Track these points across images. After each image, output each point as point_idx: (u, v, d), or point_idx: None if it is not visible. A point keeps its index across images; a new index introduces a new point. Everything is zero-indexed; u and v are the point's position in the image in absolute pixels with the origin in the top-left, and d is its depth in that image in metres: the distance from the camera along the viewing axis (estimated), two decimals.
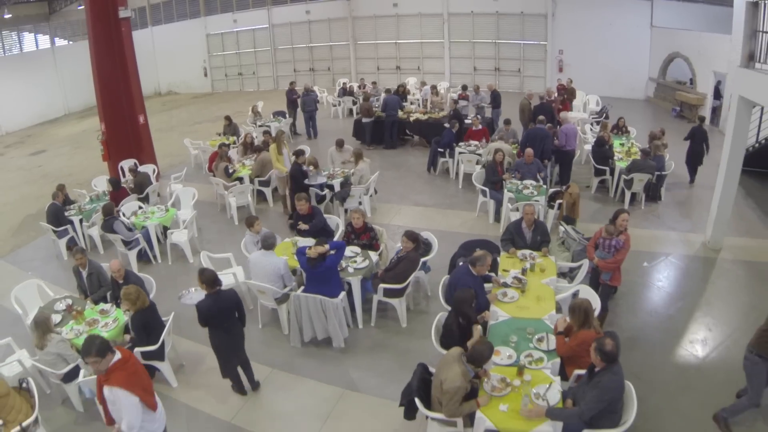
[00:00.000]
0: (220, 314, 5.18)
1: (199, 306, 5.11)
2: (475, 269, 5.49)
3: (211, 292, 5.12)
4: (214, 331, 5.26)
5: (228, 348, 5.36)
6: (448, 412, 4.24)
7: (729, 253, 8.31)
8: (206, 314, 5.12)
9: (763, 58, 7.26)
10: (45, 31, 23.79)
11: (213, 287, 5.11)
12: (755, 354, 4.76)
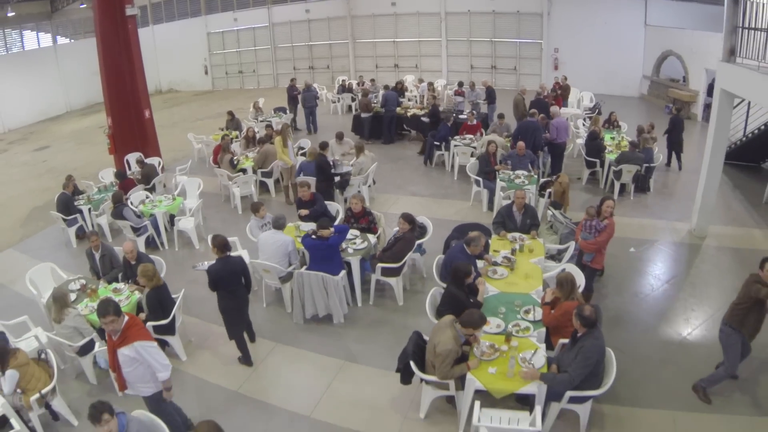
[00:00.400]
0: (229, 278, 5.66)
1: (210, 269, 5.61)
2: (469, 249, 5.88)
3: (221, 257, 5.61)
4: (222, 294, 5.74)
5: (234, 310, 5.83)
6: (441, 374, 4.64)
7: (714, 240, 8.72)
8: (216, 277, 5.61)
9: (743, 53, 7.67)
10: (47, 30, 24.12)
11: (223, 252, 5.62)
12: (729, 326, 5.16)
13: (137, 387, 4.71)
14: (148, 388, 4.68)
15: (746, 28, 7.58)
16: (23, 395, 5.21)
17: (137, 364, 4.53)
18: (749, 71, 7.23)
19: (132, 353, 4.46)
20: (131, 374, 4.58)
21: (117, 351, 4.50)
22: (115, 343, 4.50)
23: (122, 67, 11.65)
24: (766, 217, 9.54)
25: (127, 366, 4.54)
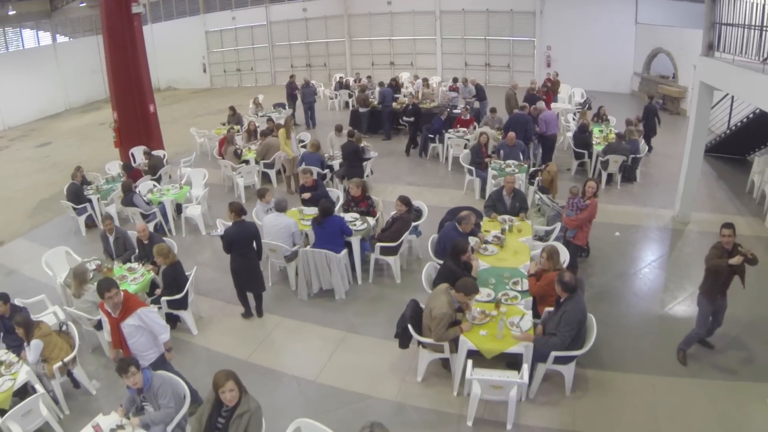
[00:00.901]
0: (242, 241, 6.35)
1: (227, 232, 6.31)
2: (461, 227, 6.37)
3: (237, 221, 6.26)
4: (234, 257, 6.45)
5: (244, 271, 6.52)
6: (437, 336, 5.11)
7: (696, 225, 9.24)
8: (231, 239, 6.30)
9: (721, 48, 8.19)
10: (46, 28, 24.39)
11: (239, 216, 6.32)
12: (700, 293, 5.72)
13: (142, 356, 5.00)
14: (152, 354, 5.06)
15: (724, 24, 8.11)
16: (46, 364, 5.64)
17: (141, 332, 4.93)
18: (726, 64, 7.75)
19: (136, 321, 4.87)
20: (136, 344, 4.95)
21: (121, 325, 4.88)
22: (117, 318, 4.87)
23: (128, 63, 12.09)
24: (749, 205, 10.04)
25: (132, 337, 4.92)
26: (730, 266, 5.41)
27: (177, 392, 4.75)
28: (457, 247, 5.77)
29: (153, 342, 5.05)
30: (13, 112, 22.23)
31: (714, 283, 5.60)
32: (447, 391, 5.53)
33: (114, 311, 4.89)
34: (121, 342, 4.94)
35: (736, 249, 5.47)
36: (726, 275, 5.53)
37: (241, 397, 4.15)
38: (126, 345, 4.93)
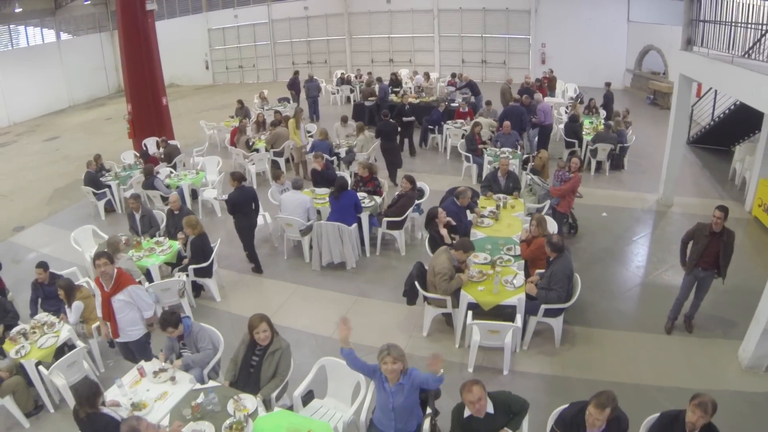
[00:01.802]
0: (244, 202, 7.54)
1: (230, 196, 7.56)
2: (459, 201, 7.16)
3: (238, 186, 7.51)
4: (238, 217, 7.61)
5: (247, 229, 7.70)
6: (442, 290, 5.88)
7: (679, 208, 10.05)
8: (235, 202, 7.48)
9: (698, 43, 8.99)
10: (50, 26, 24.98)
11: (240, 182, 7.55)
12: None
13: (127, 332, 5.46)
14: (137, 332, 5.50)
15: (701, 21, 8.92)
16: (85, 324, 6.36)
17: (129, 308, 5.34)
18: (702, 58, 8.54)
19: (126, 297, 5.29)
20: (123, 320, 5.37)
21: (112, 299, 5.27)
22: (109, 292, 5.26)
23: (142, 58, 12.83)
24: (731, 191, 10.85)
25: (120, 312, 5.33)
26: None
27: (213, 338, 5.50)
28: (429, 214, 6.64)
29: (139, 320, 5.49)
30: (18, 108, 22.75)
31: (693, 251, 6.10)
32: (450, 343, 6.30)
33: (106, 285, 5.28)
34: (110, 315, 5.34)
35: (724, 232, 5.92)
36: (703, 246, 5.98)
37: (272, 337, 4.89)
38: (114, 319, 5.34)
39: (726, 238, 5.94)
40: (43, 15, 24.47)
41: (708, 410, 3.59)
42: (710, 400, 3.61)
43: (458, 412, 4.03)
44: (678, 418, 3.83)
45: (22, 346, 5.86)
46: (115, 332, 5.44)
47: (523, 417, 4.18)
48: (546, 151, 10.06)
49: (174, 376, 5.03)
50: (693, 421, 3.64)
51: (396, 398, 4.14)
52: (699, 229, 6.09)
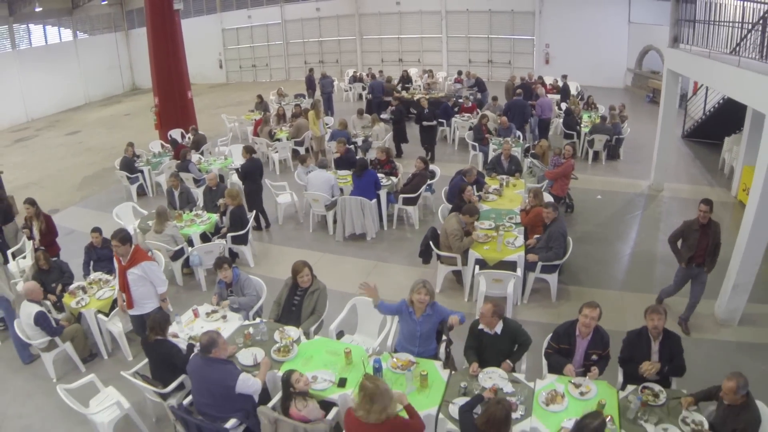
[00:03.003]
0: (255, 170, 9.22)
1: (243, 166, 9.26)
2: (466, 177, 8.32)
3: (249, 158, 9.19)
4: (248, 183, 9.23)
5: (255, 192, 9.26)
6: (455, 248, 7.02)
7: (669, 192, 11.16)
8: (246, 171, 9.19)
9: (684, 40, 10.12)
10: (68, 25, 26.27)
11: (250, 154, 9.25)
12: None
13: (141, 304, 5.98)
14: (150, 305, 6.04)
15: (686, 20, 10.05)
16: None
17: (143, 282, 5.88)
18: (686, 54, 9.69)
19: (139, 271, 5.85)
20: (137, 292, 5.92)
21: (127, 272, 5.83)
22: (125, 266, 5.84)
23: (169, 54, 14.02)
24: (719, 179, 11.94)
25: (134, 285, 5.88)
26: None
27: (257, 287, 6.63)
28: (457, 188, 7.86)
29: (152, 294, 6.06)
30: (37, 105, 24.01)
31: (686, 247, 6.49)
32: (460, 298, 7.42)
33: (123, 259, 5.88)
34: (126, 287, 5.91)
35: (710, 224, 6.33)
36: (693, 239, 6.36)
37: (312, 280, 6.02)
38: (129, 291, 5.90)
39: (714, 229, 6.34)
40: (61, 15, 25.73)
41: (661, 312, 4.70)
42: (659, 305, 4.72)
43: (475, 325, 5.16)
44: (641, 332, 4.93)
45: (81, 299, 6.81)
46: (129, 303, 5.99)
47: (525, 351, 5.21)
48: (546, 141, 11.22)
49: (225, 315, 6.15)
50: (653, 326, 4.74)
51: (423, 326, 5.25)
52: (687, 226, 6.48)
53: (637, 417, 4.34)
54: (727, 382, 4.03)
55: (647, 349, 4.88)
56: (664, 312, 4.74)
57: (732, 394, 4.00)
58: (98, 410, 5.26)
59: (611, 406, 4.45)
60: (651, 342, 4.86)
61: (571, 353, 4.98)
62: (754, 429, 4.09)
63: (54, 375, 6.39)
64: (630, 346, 4.99)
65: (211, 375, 4.68)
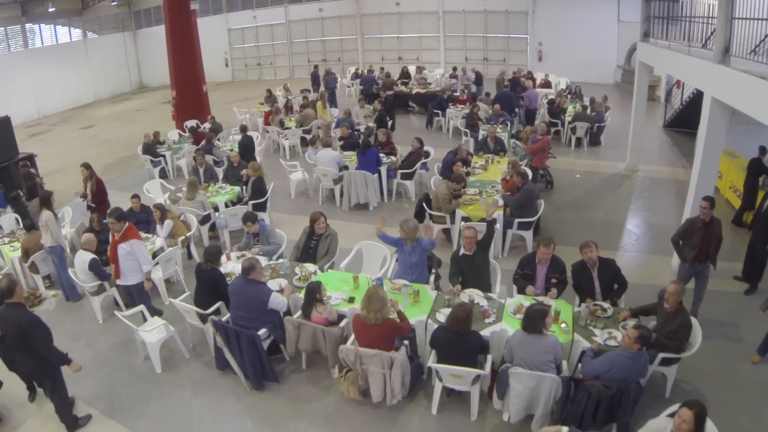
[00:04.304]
0: (250, 145, 11.61)
1: (240, 142, 11.41)
2: (457, 154, 9.83)
3: (244, 135, 10.86)
4: (246, 156, 11.17)
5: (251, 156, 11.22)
6: (444, 209, 8.51)
7: (643, 173, 12.65)
8: (242, 145, 11.33)
9: (654, 35, 11.65)
10: (77, 25, 27.73)
11: (245, 132, 11.15)
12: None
13: (127, 276, 6.82)
14: (135, 278, 6.90)
15: (655, 17, 11.59)
16: (172, 239, 8.89)
17: (130, 258, 6.73)
18: (653, 46, 11.22)
19: (128, 248, 6.71)
20: (124, 265, 6.77)
21: (118, 246, 6.70)
22: (117, 240, 6.74)
23: (185, 50, 15.59)
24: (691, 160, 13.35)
25: (123, 258, 6.73)
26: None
27: (278, 237, 8.09)
28: (447, 161, 9.31)
29: (137, 269, 6.86)
30: (48, 102, 25.36)
31: (686, 245, 6.76)
32: (449, 250, 8.75)
33: (117, 235, 6.78)
34: (115, 259, 6.80)
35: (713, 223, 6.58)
36: (697, 237, 6.60)
37: (326, 227, 7.51)
38: (117, 263, 6.79)
39: (715, 226, 6.60)
40: (71, 15, 27.16)
41: (591, 245, 6.16)
42: (590, 240, 6.18)
43: (456, 254, 6.68)
44: (582, 263, 6.39)
45: None
46: (116, 274, 6.88)
47: (491, 236, 6.85)
48: (531, 127, 12.75)
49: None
50: (588, 258, 6.22)
51: (411, 257, 6.75)
52: (690, 224, 6.74)
53: (586, 323, 5.82)
54: (671, 285, 5.51)
55: (590, 277, 6.36)
56: (595, 245, 6.22)
57: (675, 296, 5.44)
58: (149, 329, 6.72)
59: (566, 316, 5.95)
60: (591, 271, 6.33)
61: (533, 278, 6.46)
62: (685, 329, 5.52)
63: (100, 317, 7.74)
64: (576, 276, 6.47)
65: (250, 292, 6.14)
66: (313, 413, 5.94)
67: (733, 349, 6.57)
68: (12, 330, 5.12)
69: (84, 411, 6.05)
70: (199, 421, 5.96)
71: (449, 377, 5.38)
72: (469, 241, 6.54)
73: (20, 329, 5.09)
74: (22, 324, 5.08)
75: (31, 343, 5.16)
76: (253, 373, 6.11)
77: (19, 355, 5.37)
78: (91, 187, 9.65)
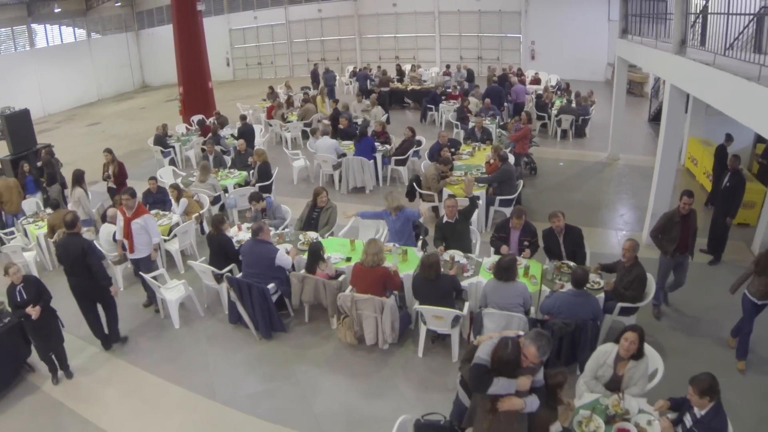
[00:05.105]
0: (249, 132, 12.57)
1: (239, 129, 12.14)
2: (439, 139, 10.91)
3: (243, 122, 11.71)
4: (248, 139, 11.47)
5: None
6: (433, 188, 9.56)
7: (624, 161, 13.70)
8: (242, 131, 11.84)
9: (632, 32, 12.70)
10: (81, 26, 28.72)
11: (244, 120, 11.67)
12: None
13: (140, 249, 7.57)
14: (146, 251, 7.66)
15: (632, 15, 12.66)
16: (186, 216, 9.90)
17: (143, 232, 7.48)
18: (628, 42, 12.29)
19: (141, 222, 7.47)
20: (137, 239, 7.52)
21: (131, 222, 7.41)
22: (130, 217, 7.44)
23: (192, 49, 16.69)
24: None
25: (137, 234, 7.48)
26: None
27: (284, 212, 9.12)
28: (433, 149, 10.39)
29: (148, 243, 7.63)
30: (53, 100, 26.36)
31: (665, 238, 7.08)
32: None
33: (128, 212, 7.48)
34: (129, 235, 7.51)
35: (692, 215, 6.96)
36: (676, 230, 6.94)
37: (328, 200, 8.56)
38: (132, 238, 7.52)
39: (693, 217, 6.97)
40: (75, 15, 28.21)
41: (559, 215, 7.18)
42: (557, 211, 7.20)
43: (440, 222, 7.73)
44: (550, 230, 7.40)
45: None
46: (131, 248, 7.61)
47: (472, 211, 7.87)
48: (516, 118, 13.80)
49: None
50: (555, 225, 7.24)
51: (396, 224, 7.80)
52: (667, 219, 7.06)
53: (553, 277, 6.84)
54: (626, 243, 6.55)
55: (557, 241, 7.38)
56: (562, 214, 7.24)
57: (630, 251, 6.46)
58: (171, 286, 7.76)
59: (536, 271, 6.96)
60: (557, 236, 7.36)
61: (507, 240, 7.50)
62: (641, 280, 6.50)
63: (122, 285, 8.68)
64: (545, 240, 7.49)
65: (259, 251, 7.18)
66: (314, 357, 6.96)
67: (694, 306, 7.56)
68: (75, 252, 6.61)
69: (111, 361, 7.14)
70: (214, 366, 6.96)
71: (432, 319, 6.41)
72: (451, 210, 7.57)
73: (82, 251, 6.58)
74: (84, 247, 6.64)
75: (89, 262, 6.61)
76: (262, 324, 7.14)
77: (80, 278, 6.76)
78: (113, 169, 10.70)
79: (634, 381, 4.96)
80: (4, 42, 24.97)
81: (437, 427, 4.72)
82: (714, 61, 6.84)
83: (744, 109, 5.96)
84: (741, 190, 8.62)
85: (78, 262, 6.63)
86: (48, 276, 9.18)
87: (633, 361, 4.93)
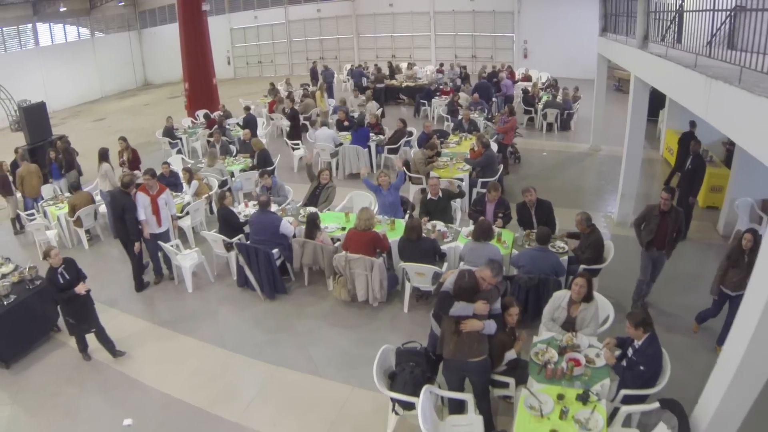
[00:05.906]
0: (252, 122, 13.27)
1: (244, 119, 13.06)
2: (424, 129, 12.06)
3: (246, 113, 13.08)
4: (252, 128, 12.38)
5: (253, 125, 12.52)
6: (421, 171, 10.68)
7: (604, 152, 14.78)
8: (247, 120, 12.70)
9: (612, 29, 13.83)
10: (85, 25, 29.89)
11: (248, 111, 12.87)
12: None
13: (165, 224, 8.59)
14: (168, 224, 8.76)
15: (611, 14, 13.80)
16: (197, 197, 10.99)
17: (166, 207, 8.54)
18: (606, 40, 13.43)
19: (165, 197, 8.56)
20: (164, 213, 8.53)
21: (157, 199, 8.39)
22: (155, 195, 8.40)
23: (197, 47, 17.79)
24: (653, 144, 15.40)
25: (162, 209, 8.49)
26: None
27: (286, 191, 10.22)
28: (422, 137, 11.51)
29: (169, 216, 8.75)
30: (57, 98, 26.91)
31: (646, 231, 7.34)
32: None
33: (152, 191, 8.40)
34: (157, 211, 8.45)
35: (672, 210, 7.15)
36: (653, 224, 7.20)
37: (330, 178, 9.68)
38: (159, 214, 8.48)
39: (675, 216, 7.12)
40: (80, 14, 29.39)
41: (530, 189, 8.27)
42: (530, 186, 8.29)
43: (424, 198, 8.82)
44: (523, 203, 8.49)
45: None
46: (158, 222, 8.53)
47: (456, 196, 9.03)
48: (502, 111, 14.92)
49: None
50: (528, 199, 8.32)
51: (388, 197, 8.92)
52: (649, 210, 7.32)
53: (522, 242, 7.95)
54: (576, 216, 7.64)
55: (529, 214, 8.47)
56: (534, 190, 8.32)
57: (580, 225, 7.56)
58: (185, 253, 8.88)
59: (508, 237, 8.07)
60: (530, 209, 8.45)
61: (483, 212, 8.61)
62: (598, 245, 7.51)
63: None
64: (518, 212, 8.58)
65: (265, 220, 8.31)
66: (312, 313, 8.07)
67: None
68: (119, 205, 8.34)
69: (130, 320, 8.24)
70: (224, 322, 8.07)
71: (415, 276, 7.51)
72: (434, 188, 8.70)
73: (122, 207, 8.27)
74: (128, 203, 8.31)
75: (127, 216, 8.27)
76: (267, 286, 8.25)
77: (119, 225, 8.54)
78: (128, 156, 11.82)
79: (586, 322, 5.96)
80: (9, 40, 26.07)
81: (415, 352, 5.77)
82: (666, 54, 7.92)
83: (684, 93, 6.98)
84: (701, 173, 9.72)
85: (118, 214, 8.39)
86: (68, 253, 10.16)
87: (584, 303, 5.94)
